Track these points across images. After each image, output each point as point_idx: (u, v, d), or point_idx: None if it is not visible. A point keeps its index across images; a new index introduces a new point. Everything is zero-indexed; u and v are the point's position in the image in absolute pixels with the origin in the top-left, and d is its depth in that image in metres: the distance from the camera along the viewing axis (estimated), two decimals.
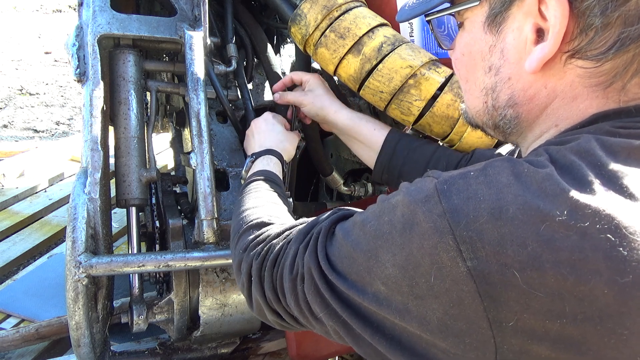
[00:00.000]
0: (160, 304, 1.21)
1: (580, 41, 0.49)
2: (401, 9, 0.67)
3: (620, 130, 0.47)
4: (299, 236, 0.65)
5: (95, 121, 1.07)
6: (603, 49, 0.48)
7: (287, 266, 0.63)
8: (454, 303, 0.44)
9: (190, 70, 1.13)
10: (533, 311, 0.41)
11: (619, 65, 0.48)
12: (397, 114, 1.09)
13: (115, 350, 1.26)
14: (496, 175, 0.45)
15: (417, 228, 0.46)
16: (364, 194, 1.60)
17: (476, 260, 0.42)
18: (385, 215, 0.51)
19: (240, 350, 1.51)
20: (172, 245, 1.20)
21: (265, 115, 1.20)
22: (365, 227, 0.53)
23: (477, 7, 0.57)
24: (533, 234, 0.41)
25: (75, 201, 1.03)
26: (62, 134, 4.62)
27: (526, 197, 0.42)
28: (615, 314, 0.40)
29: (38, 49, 7.29)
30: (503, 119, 0.59)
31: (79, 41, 1.13)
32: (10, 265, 2.32)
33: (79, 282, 1.01)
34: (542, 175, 0.43)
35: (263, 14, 1.59)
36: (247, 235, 0.76)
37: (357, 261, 0.53)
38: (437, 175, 0.49)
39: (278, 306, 0.67)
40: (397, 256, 0.48)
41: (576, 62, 0.50)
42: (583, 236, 0.40)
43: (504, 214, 0.42)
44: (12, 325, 1.87)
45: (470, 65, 0.61)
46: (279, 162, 1.06)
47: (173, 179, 1.43)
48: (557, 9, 0.48)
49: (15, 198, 2.88)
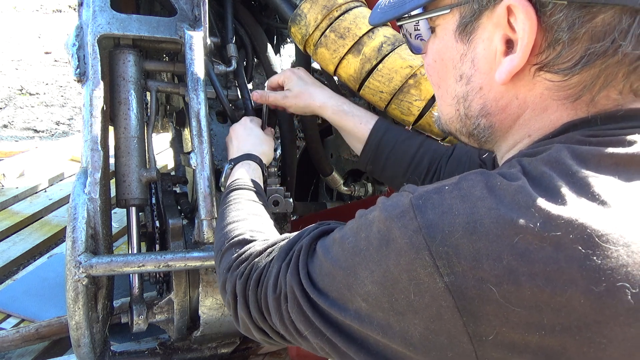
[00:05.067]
0: (160, 304, 1.21)
1: (548, 55, 0.49)
2: (374, 11, 0.67)
3: (590, 139, 0.48)
4: (280, 254, 0.65)
5: (95, 121, 1.07)
6: (570, 64, 0.48)
7: (271, 285, 0.63)
8: (434, 318, 0.45)
9: (190, 70, 1.13)
10: (512, 324, 0.42)
11: (586, 79, 0.49)
12: (397, 114, 1.09)
13: (115, 350, 1.26)
14: (470, 188, 0.46)
15: (393, 244, 0.47)
16: (364, 194, 1.60)
17: (453, 276, 0.43)
18: (362, 232, 0.51)
19: (240, 350, 1.51)
20: (172, 245, 1.20)
21: (242, 120, 1.18)
22: (344, 243, 0.53)
23: (448, 14, 0.57)
24: (508, 247, 0.41)
25: (75, 201, 1.03)
26: (62, 134, 4.62)
27: (500, 211, 0.43)
28: (592, 323, 0.40)
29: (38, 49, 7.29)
30: (477, 128, 0.59)
31: (79, 41, 1.13)
32: (10, 265, 2.32)
33: (79, 282, 1.01)
34: (515, 188, 0.44)
35: (263, 14, 1.59)
36: (229, 254, 0.76)
37: (337, 278, 0.53)
38: (412, 190, 0.49)
39: (264, 325, 0.67)
40: (375, 273, 0.48)
41: (545, 74, 0.51)
42: (557, 247, 0.40)
43: (478, 228, 0.43)
44: (12, 325, 1.87)
45: (442, 72, 0.61)
46: (259, 167, 1.04)
47: (173, 179, 1.43)
48: (526, 22, 0.48)
49: (15, 198, 2.88)
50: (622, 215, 0.41)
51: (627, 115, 0.49)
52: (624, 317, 0.40)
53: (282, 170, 1.35)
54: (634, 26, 0.45)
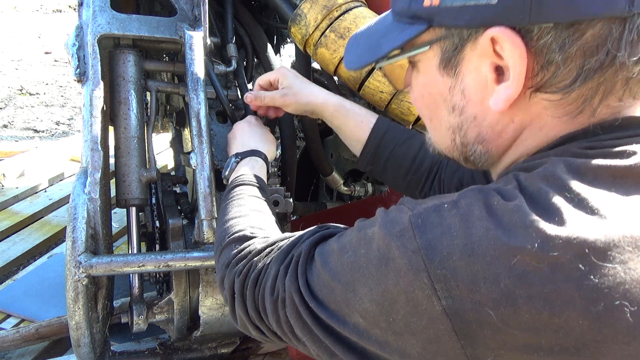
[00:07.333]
0: (160, 304, 1.21)
1: (543, 76, 0.48)
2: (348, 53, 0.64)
3: (587, 151, 0.47)
4: (279, 255, 0.65)
5: (95, 121, 1.07)
6: (567, 82, 0.47)
7: (268, 287, 0.63)
8: (431, 340, 0.45)
9: (190, 70, 1.13)
10: (510, 347, 0.42)
11: (585, 93, 0.48)
12: (397, 114, 1.09)
13: (115, 350, 1.26)
14: (468, 207, 0.45)
15: (392, 264, 0.47)
16: (364, 194, 1.60)
17: (451, 300, 0.43)
18: (361, 247, 0.51)
19: (240, 350, 1.51)
20: (172, 245, 1.20)
21: (247, 118, 1.17)
22: (343, 257, 0.53)
23: (428, 51, 0.55)
24: (505, 269, 0.41)
25: (75, 201, 1.03)
26: (62, 134, 4.62)
27: (497, 232, 0.42)
28: (591, 342, 0.40)
29: (38, 49, 7.29)
30: (474, 154, 0.58)
31: (79, 41, 1.13)
32: (10, 265, 2.32)
33: (79, 282, 1.01)
34: (512, 208, 0.43)
35: (263, 14, 1.59)
36: (229, 249, 0.76)
37: (336, 292, 0.53)
38: (412, 207, 0.49)
39: (261, 324, 0.68)
40: (374, 291, 0.48)
41: (542, 95, 0.50)
42: (554, 267, 0.40)
43: (475, 250, 0.43)
44: (12, 325, 1.87)
45: (432, 106, 0.60)
46: (264, 165, 1.03)
47: (173, 179, 1.43)
48: (514, 51, 0.47)
49: (15, 198, 2.88)
50: (619, 231, 0.41)
51: (625, 124, 0.49)
52: (622, 336, 0.40)
53: (282, 170, 1.35)
54: (626, 34, 0.44)
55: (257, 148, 1.05)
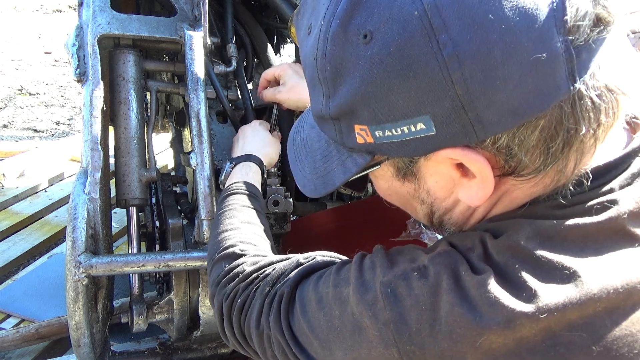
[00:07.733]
0: (160, 304, 1.21)
1: (509, 166, 0.46)
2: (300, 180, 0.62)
3: (555, 212, 0.46)
4: (264, 288, 0.67)
5: (95, 121, 1.07)
6: (537, 165, 0.45)
7: (254, 320, 0.66)
8: None
9: (190, 70, 1.13)
10: None
11: (559, 165, 0.46)
12: None
13: (115, 350, 1.26)
14: (437, 277, 0.46)
15: (364, 333, 0.49)
16: (364, 194, 1.60)
17: None
18: (336, 308, 0.53)
19: None
20: (172, 245, 1.20)
21: (253, 122, 1.19)
22: (319, 312, 0.55)
23: (382, 166, 0.53)
24: (471, 348, 0.42)
25: (75, 201, 1.03)
26: (62, 134, 4.62)
27: (462, 309, 0.43)
28: None
29: (38, 49, 7.29)
30: (450, 227, 0.58)
31: (79, 41, 1.13)
32: (10, 265, 2.32)
33: (79, 282, 1.01)
34: (478, 282, 0.44)
35: (263, 14, 1.59)
36: (219, 267, 0.77)
37: (314, 344, 0.56)
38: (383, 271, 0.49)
39: (247, 348, 0.71)
40: (348, 355, 0.51)
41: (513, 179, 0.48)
42: (519, 342, 0.41)
43: (443, 327, 0.44)
44: (12, 325, 1.87)
45: (402, 200, 0.59)
46: (259, 170, 1.04)
47: (173, 179, 1.43)
48: (474, 163, 0.45)
49: (15, 198, 2.88)
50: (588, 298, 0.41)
51: (595, 174, 0.46)
52: None
53: (282, 170, 1.35)
54: (578, 107, 0.42)
55: (253, 152, 1.07)
